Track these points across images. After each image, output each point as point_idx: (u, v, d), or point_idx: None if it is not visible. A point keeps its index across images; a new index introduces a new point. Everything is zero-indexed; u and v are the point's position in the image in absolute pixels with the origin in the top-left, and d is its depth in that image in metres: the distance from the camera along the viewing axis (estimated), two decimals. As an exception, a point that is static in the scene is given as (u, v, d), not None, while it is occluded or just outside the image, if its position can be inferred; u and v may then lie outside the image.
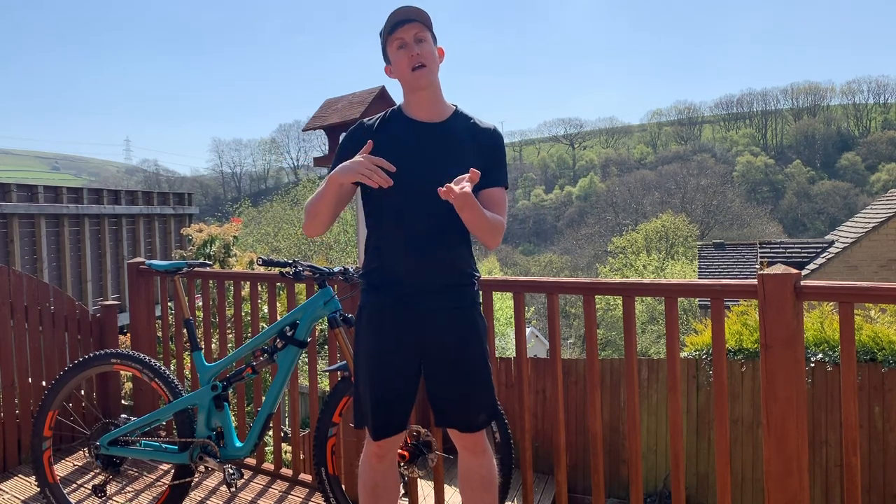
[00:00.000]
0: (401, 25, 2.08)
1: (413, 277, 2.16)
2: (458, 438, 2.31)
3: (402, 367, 2.21)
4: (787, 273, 2.16)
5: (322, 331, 6.12)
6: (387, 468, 2.39)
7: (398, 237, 2.15)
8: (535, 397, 7.08)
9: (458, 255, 2.21)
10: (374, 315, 2.22)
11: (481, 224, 2.04)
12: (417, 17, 2.09)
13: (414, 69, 2.10)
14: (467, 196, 1.90)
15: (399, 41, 2.10)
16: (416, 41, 2.10)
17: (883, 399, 5.66)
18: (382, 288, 2.21)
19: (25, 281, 3.98)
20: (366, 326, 2.24)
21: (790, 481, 2.18)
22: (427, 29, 2.13)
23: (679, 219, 38.27)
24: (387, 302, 2.20)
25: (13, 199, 9.83)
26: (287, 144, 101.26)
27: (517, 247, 64.83)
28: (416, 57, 2.09)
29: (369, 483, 2.38)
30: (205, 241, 7.91)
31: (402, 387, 2.23)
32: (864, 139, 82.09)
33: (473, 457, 2.32)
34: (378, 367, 2.22)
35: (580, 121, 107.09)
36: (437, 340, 2.19)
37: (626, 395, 2.59)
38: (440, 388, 2.24)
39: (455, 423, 2.27)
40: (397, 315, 2.19)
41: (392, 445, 2.35)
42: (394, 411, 2.25)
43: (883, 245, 13.56)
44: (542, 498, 6.45)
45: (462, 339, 2.21)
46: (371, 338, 2.23)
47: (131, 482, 3.56)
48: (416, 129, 2.18)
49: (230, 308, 3.95)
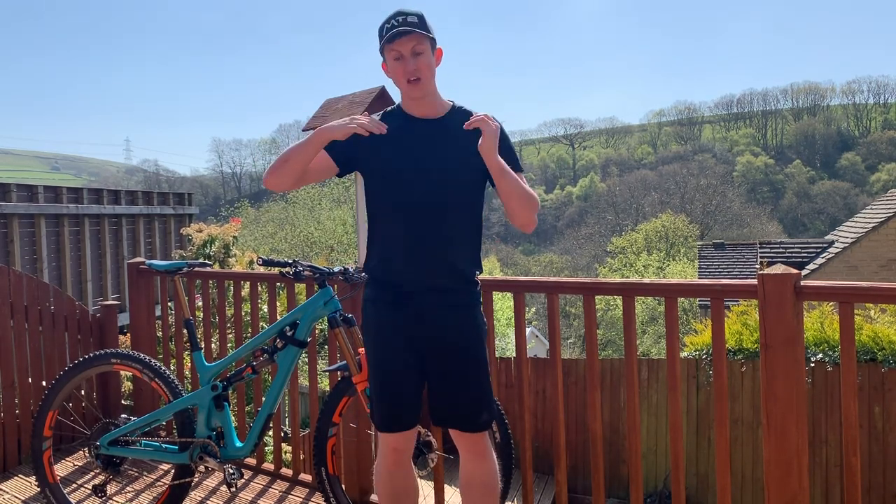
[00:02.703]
0: (398, 37, 2.07)
1: (414, 274, 2.18)
2: (460, 439, 2.30)
3: (406, 362, 2.23)
4: (787, 273, 2.16)
5: (322, 331, 6.12)
6: (407, 474, 2.38)
7: (399, 232, 2.16)
8: (535, 397, 7.08)
9: (460, 252, 2.21)
10: (378, 310, 2.24)
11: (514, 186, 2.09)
12: (416, 28, 2.07)
13: (409, 81, 2.11)
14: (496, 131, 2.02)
15: (396, 53, 2.09)
16: (412, 55, 2.09)
17: (883, 399, 5.66)
18: (385, 283, 2.23)
19: (25, 281, 3.98)
20: (371, 321, 2.27)
21: (790, 481, 2.18)
22: (426, 38, 2.10)
23: (679, 219, 38.26)
24: (389, 297, 2.22)
25: (13, 199, 9.82)
26: (287, 144, 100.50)
27: (517, 247, 64.78)
28: (411, 72, 2.09)
29: (391, 492, 2.37)
30: (204, 241, 7.91)
31: (408, 380, 2.25)
32: (864, 139, 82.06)
33: (475, 460, 2.29)
34: (384, 362, 2.25)
35: (580, 121, 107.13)
36: (438, 338, 2.20)
37: (626, 395, 2.59)
38: (440, 386, 2.24)
39: (456, 422, 2.27)
40: (399, 311, 2.20)
41: (407, 445, 2.34)
42: (403, 404, 2.26)
43: (883, 245, 13.55)
44: (542, 498, 6.45)
45: (463, 338, 2.22)
46: (376, 333, 2.25)
47: (131, 482, 3.56)
48: (415, 126, 2.19)
49: (230, 308, 3.95)
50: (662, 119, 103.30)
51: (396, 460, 2.33)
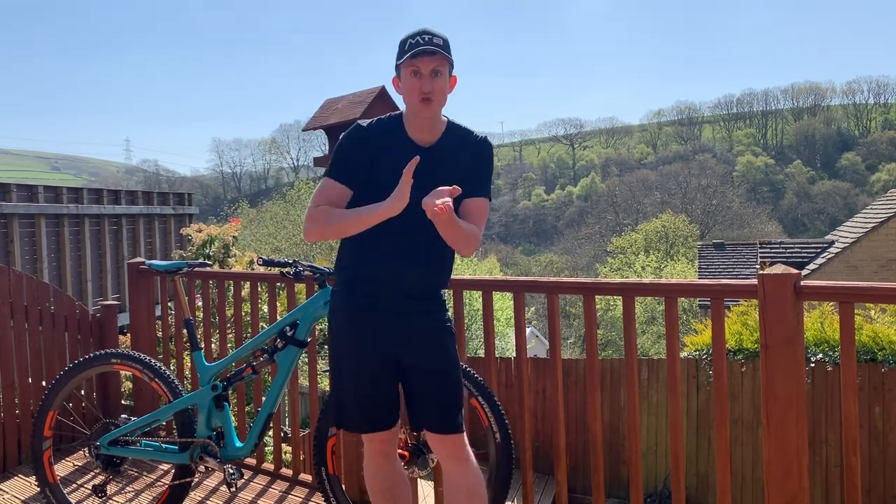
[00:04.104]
0: (423, 55, 2.07)
1: (390, 283, 2.21)
2: (439, 444, 2.29)
3: (381, 366, 2.27)
4: (788, 273, 2.16)
5: (322, 331, 6.12)
6: (396, 468, 2.42)
7: (383, 246, 2.19)
8: (535, 397, 7.08)
9: (437, 268, 2.28)
10: (351, 317, 2.27)
11: (455, 235, 2.09)
12: (441, 49, 2.08)
13: (422, 100, 2.11)
14: (445, 211, 1.92)
15: (414, 69, 2.09)
16: (431, 74, 2.10)
17: (883, 399, 5.67)
18: (360, 292, 2.25)
19: (25, 281, 3.98)
20: (343, 328, 2.29)
21: (790, 481, 2.18)
22: (447, 62, 2.12)
23: (679, 219, 38.29)
24: (363, 304, 2.25)
25: (13, 199, 9.83)
26: (287, 144, 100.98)
27: (517, 247, 64.87)
28: (427, 91, 2.09)
29: (384, 487, 2.40)
30: (204, 241, 7.91)
31: (383, 385, 2.29)
32: (865, 139, 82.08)
33: (458, 466, 2.27)
34: (358, 368, 2.28)
35: (580, 121, 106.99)
36: (412, 343, 2.24)
37: (626, 395, 2.59)
38: (417, 389, 2.29)
39: (432, 424, 2.28)
40: (373, 318, 2.23)
41: (391, 439, 2.38)
42: (380, 407, 2.31)
43: (883, 245, 13.55)
44: (542, 498, 6.46)
45: (436, 342, 2.26)
46: (349, 340, 2.28)
47: (131, 482, 3.56)
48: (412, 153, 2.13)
49: (230, 308, 3.95)
50: (662, 119, 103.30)
51: (384, 454, 2.38)
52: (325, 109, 3.89)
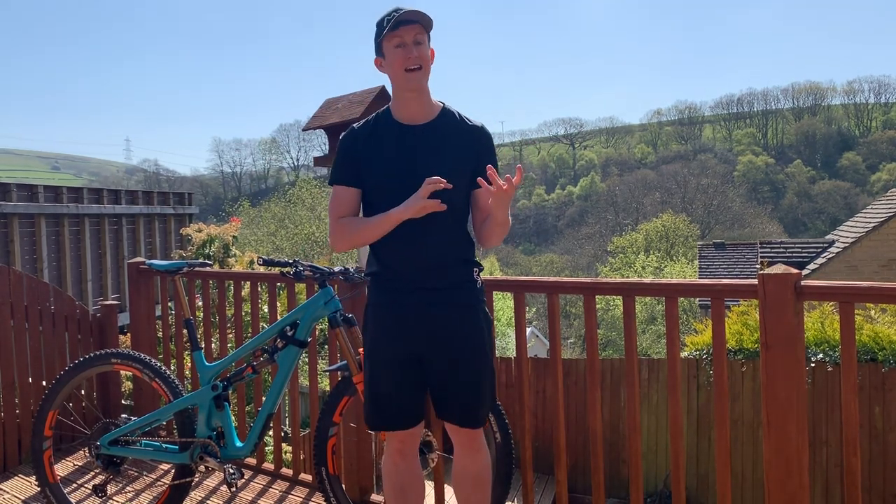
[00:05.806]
0: (403, 25, 2.10)
1: (411, 275, 2.22)
2: (456, 434, 2.34)
3: (407, 363, 2.26)
4: (788, 273, 2.16)
5: (322, 331, 6.12)
6: (411, 467, 2.42)
7: (395, 237, 2.19)
8: (535, 397, 7.07)
9: (454, 252, 2.26)
10: (377, 314, 2.28)
11: (504, 217, 2.15)
12: (421, 19, 2.12)
13: (408, 70, 2.13)
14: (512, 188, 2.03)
15: (398, 39, 2.12)
16: (414, 43, 2.12)
17: (883, 399, 5.66)
18: (385, 287, 2.27)
19: (25, 281, 3.98)
20: (371, 325, 2.30)
21: (790, 481, 2.18)
22: (426, 32, 2.16)
23: (679, 219, 38.29)
24: (388, 300, 2.26)
25: (13, 199, 9.83)
26: (287, 144, 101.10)
27: (518, 246, 64.81)
28: (413, 59, 2.12)
29: (396, 485, 2.41)
30: (204, 240, 7.91)
31: (410, 382, 2.28)
32: (865, 139, 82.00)
33: (469, 454, 2.34)
34: (385, 364, 2.28)
35: (580, 120, 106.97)
36: (440, 336, 2.23)
37: (627, 395, 2.59)
38: (443, 382, 2.27)
39: (457, 417, 2.30)
40: (399, 313, 2.23)
41: (412, 440, 2.39)
42: (405, 405, 2.30)
43: (883, 245, 13.55)
44: (543, 498, 6.45)
45: (464, 334, 2.25)
46: (377, 336, 2.29)
47: (131, 482, 3.56)
48: (406, 135, 2.21)
49: (230, 308, 3.95)
50: (663, 119, 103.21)
51: (402, 453, 2.38)
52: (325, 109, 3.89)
